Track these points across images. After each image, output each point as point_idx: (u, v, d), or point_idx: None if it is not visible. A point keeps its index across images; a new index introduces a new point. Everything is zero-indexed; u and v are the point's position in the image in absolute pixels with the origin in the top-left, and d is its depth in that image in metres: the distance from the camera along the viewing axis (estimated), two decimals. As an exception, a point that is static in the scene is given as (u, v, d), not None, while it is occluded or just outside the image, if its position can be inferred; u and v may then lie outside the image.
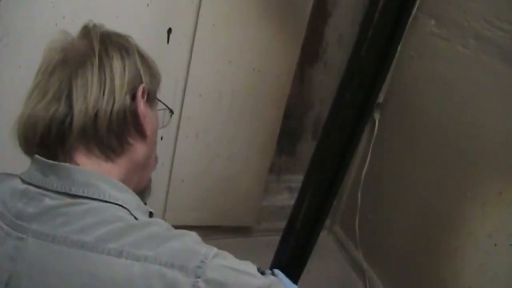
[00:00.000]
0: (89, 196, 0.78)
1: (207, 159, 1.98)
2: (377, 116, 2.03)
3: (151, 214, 0.90)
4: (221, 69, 1.82)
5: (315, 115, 2.32)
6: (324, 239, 2.35)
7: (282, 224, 1.43)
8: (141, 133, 0.87)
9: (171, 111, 1.03)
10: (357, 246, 2.15)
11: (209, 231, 2.13)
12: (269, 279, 0.82)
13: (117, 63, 0.84)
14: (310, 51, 2.16)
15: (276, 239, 1.43)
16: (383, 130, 2.03)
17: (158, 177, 1.97)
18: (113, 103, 0.82)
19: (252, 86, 1.90)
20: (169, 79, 1.78)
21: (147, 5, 1.59)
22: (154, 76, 0.92)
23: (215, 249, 0.77)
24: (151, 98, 0.90)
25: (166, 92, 1.76)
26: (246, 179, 2.10)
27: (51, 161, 0.80)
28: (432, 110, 1.80)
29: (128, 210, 0.80)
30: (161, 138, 1.87)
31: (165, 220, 1.90)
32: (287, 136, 2.28)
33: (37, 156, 0.81)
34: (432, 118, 1.80)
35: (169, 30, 1.67)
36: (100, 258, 0.72)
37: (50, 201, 0.78)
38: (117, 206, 0.79)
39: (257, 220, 2.21)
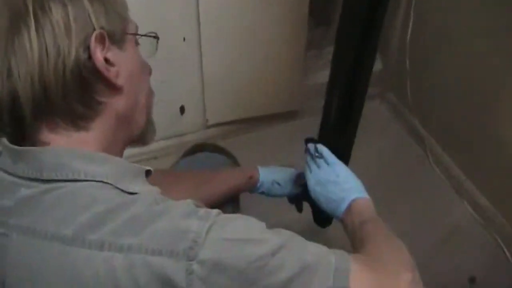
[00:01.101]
0: (63, 178, 0.69)
1: (236, 50, 1.86)
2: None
3: (148, 172, 0.80)
4: None
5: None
6: (377, 108, 2.24)
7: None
8: (112, 87, 0.75)
9: (156, 37, 0.89)
10: (412, 113, 2.03)
11: (254, 123, 2.07)
12: (279, 237, 0.70)
13: (57, 16, 0.69)
14: None
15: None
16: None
17: (190, 80, 1.89)
18: (64, 66, 0.69)
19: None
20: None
21: None
22: (114, 9, 0.77)
23: (211, 219, 0.67)
24: (118, 38, 0.76)
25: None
26: (282, 61, 1.97)
27: (15, 147, 0.71)
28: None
29: (110, 184, 0.71)
30: (184, 39, 1.76)
31: (207, 120, 1.85)
32: (321, 5, 2.10)
33: (3, 140, 0.73)
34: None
35: None
36: (81, 253, 0.65)
37: (25, 190, 0.70)
38: (97, 183, 0.70)
39: (302, 102, 2.10)
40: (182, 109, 1.91)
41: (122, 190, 0.71)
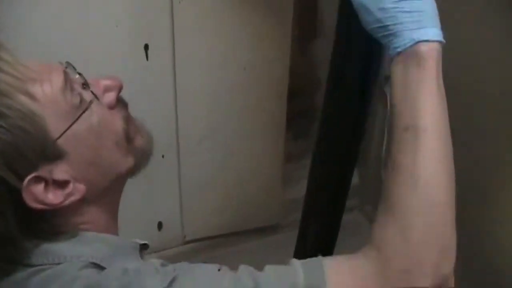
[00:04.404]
0: (49, 263, 0.71)
1: (215, 164, 1.88)
2: (387, 90, 1.87)
3: (144, 246, 0.83)
4: (210, 71, 1.69)
5: (324, 91, 2.18)
6: (356, 220, 2.24)
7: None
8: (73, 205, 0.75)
9: (90, 102, 0.78)
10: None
11: (232, 238, 2.05)
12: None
13: None
14: (307, 27, 2.02)
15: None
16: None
17: (169, 196, 1.90)
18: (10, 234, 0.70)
19: (246, 80, 1.76)
20: (155, 93, 1.67)
21: (116, 26, 1.47)
22: (31, 142, 0.70)
23: (169, 278, 0.69)
24: (53, 154, 0.72)
25: (156, 104, 1.67)
26: (259, 175, 1.98)
27: None
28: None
29: (95, 263, 0.72)
30: (162, 156, 1.78)
31: (185, 236, 1.81)
32: (298, 119, 2.15)
33: None
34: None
35: (146, 46, 1.55)
36: None
37: (19, 273, 0.72)
38: (81, 263, 0.71)
39: (283, 215, 2.10)
40: (160, 225, 1.90)
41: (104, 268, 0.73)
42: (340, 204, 1.29)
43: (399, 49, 0.76)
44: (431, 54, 0.74)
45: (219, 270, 0.74)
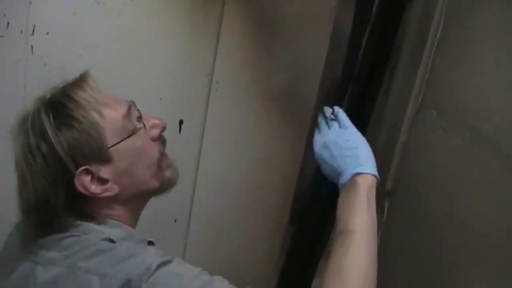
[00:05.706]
0: (79, 233, 0.92)
1: (217, 241, 2.06)
2: (386, 203, 2.06)
3: (150, 243, 1.00)
4: (231, 156, 1.92)
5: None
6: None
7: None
8: (109, 198, 0.98)
9: (139, 129, 1.04)
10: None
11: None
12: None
13: (41, 165, 0.90)
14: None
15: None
16: (392, 218, 2.04)
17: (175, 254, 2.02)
18: (54, 210, 0.92)
19: (259, 172, 1.98)
20: (179, 164, 1.85)
21: (160, 99, 1.73)
22: (90, 139, 0.93)
23: (166, 259, 0.88)
24: (102, 157, 0.95)
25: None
26: (257, 262, 2.15)
27: None
28: (435, 201, 1.81)
29: (112, 240, 0.92)
30: (175, 221, 1.96)
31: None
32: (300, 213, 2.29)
33: None
34: (435, 209, 1.81)
35: (181, 122, 1.79)
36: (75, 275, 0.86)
37: (53, 236, 0.92)
38: (102, 236, 0.92)
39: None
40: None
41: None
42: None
43: (343, 183, 1.07)
44: (365, 182, 1.05)
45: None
